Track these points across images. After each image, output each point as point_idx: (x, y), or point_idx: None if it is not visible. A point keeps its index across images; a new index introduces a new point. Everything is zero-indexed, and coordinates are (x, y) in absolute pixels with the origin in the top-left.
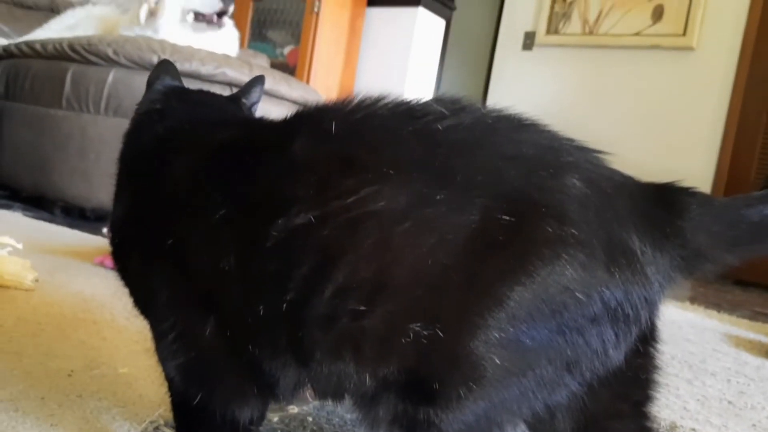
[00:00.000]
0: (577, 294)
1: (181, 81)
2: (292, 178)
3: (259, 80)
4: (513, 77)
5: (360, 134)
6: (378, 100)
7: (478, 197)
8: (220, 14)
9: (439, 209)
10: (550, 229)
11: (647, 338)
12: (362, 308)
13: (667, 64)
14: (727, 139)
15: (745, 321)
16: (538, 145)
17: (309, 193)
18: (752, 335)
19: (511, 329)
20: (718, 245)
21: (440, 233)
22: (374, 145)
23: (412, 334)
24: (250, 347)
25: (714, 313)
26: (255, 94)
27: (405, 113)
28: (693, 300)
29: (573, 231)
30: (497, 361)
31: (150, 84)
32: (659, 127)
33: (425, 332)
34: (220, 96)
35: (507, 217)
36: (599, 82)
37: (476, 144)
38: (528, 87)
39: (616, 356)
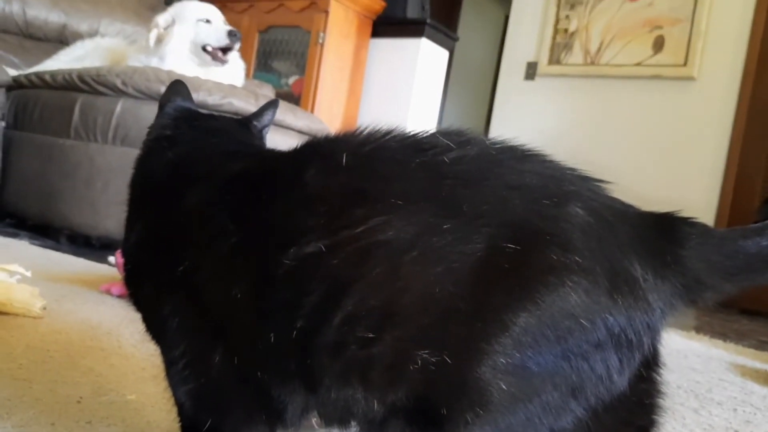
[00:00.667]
0: (581, 320)
1: (192, 100)
2: (303, 208)
3: (272, 104)
4: (515, 107)
5: (369, 166)
6: (386, 132)
7: (484, 226)
8: (225, 50)
9: (446, 238)
10: (554, 257)
11: (650, 363)
12: (371, 335)
13: (669, 93)
14: (730, 169)
15: (752, 350)
16: (541, 175)
17: (320, 223)
18: (759, 365)
19: (517, 355)
20: (717, 274)
21: (447, 262)
22: (383, 176)
23: (420, 361)
24: (259, 373)
25: (720, 342)
26: (267, 117)
27: (412, 146)
28: (698, 329)
29: (577, 258)
30: (504, 387)
31: (162, 106)
32: (661, 156)
33: (433, 359)
34: (231, 119)
35: (512, 245)
36: (601, 111)
37: (481, 175)
38: (530, 116)
39: (620, 382)
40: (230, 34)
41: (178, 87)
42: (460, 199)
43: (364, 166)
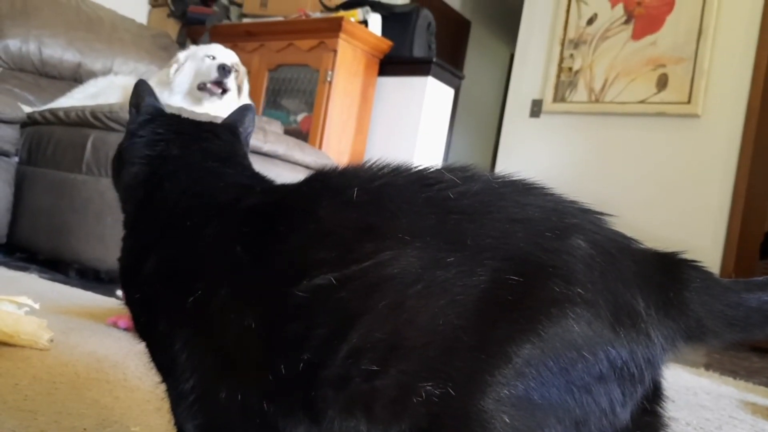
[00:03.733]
0: (584, 352)
1: (158, 100)
2: (316, 242)
3: (248, 109)
4: (521, 144)
5: (378, 202)
6: (394, 168)
7: (488, 259)
8: (220, 85)
9: (450, 272)
10: (557, 289)
11: (653, 397)
12: (375, 368)
13: (673, 131)
14: (736, 205)
15: (762, 388)
16: (544, 208)
17: (331, 256)
18: None
19: (521, 386)
20: (718, 322)
21: (451, 295)
22: (391, 212)
23: (423, 393)
24: (266, 405)
25: (730, 379)
26: (249, 122)
27: (419, 181)
28: (708, 366)
29: (579, 290)
30: (507, 420)
31: (137, 106)
32: (667, 193)
33: (437, 391)
34: (225, 131)
35: (515, 278)
36: (605, 148)
37: (485, 209)
38: (536, 153)
39: (623, 415)
40: (220, 67)
41: (144, 87)
42: (464, 234)
43: (373, 201)
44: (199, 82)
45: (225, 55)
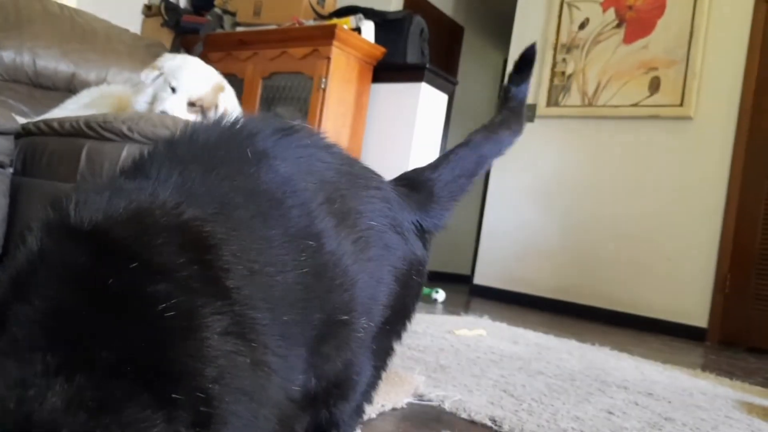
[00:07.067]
0: (399, 265)
1: None
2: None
3: None
4: (515, 148)
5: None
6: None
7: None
8: None
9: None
10: (368, 222)
11: None
12: (344, 317)
13: (666, 133)
14: (730, 207)
15: (759, 388)
16: (339, 171)
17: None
18: (767, 402)
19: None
20: (445, 203)
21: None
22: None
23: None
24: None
25: (726, 380)
26: None
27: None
28: (705, 368)
29: (373, 223)
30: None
31: None
32: (661, 195)
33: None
34: None
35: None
36: (599, 151)
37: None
38: (530, 157)
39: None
40: (161, 113)
41: None
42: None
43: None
44: (158, 110)
45: (184, 89)
